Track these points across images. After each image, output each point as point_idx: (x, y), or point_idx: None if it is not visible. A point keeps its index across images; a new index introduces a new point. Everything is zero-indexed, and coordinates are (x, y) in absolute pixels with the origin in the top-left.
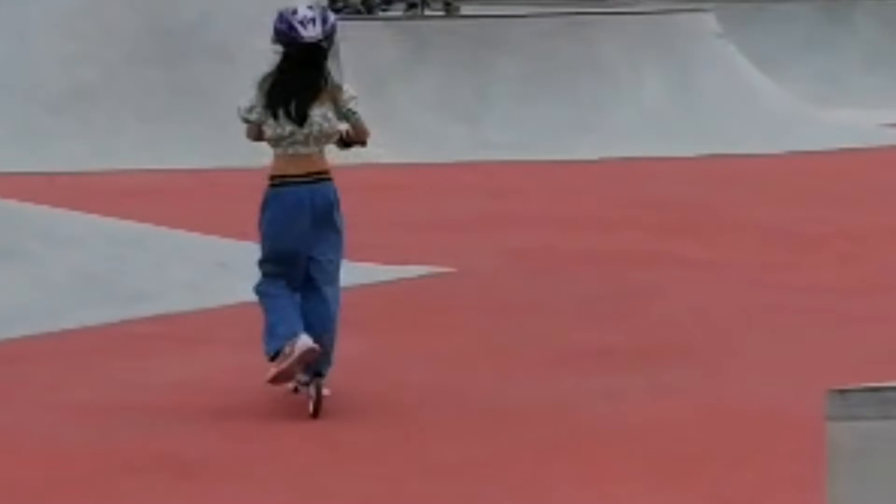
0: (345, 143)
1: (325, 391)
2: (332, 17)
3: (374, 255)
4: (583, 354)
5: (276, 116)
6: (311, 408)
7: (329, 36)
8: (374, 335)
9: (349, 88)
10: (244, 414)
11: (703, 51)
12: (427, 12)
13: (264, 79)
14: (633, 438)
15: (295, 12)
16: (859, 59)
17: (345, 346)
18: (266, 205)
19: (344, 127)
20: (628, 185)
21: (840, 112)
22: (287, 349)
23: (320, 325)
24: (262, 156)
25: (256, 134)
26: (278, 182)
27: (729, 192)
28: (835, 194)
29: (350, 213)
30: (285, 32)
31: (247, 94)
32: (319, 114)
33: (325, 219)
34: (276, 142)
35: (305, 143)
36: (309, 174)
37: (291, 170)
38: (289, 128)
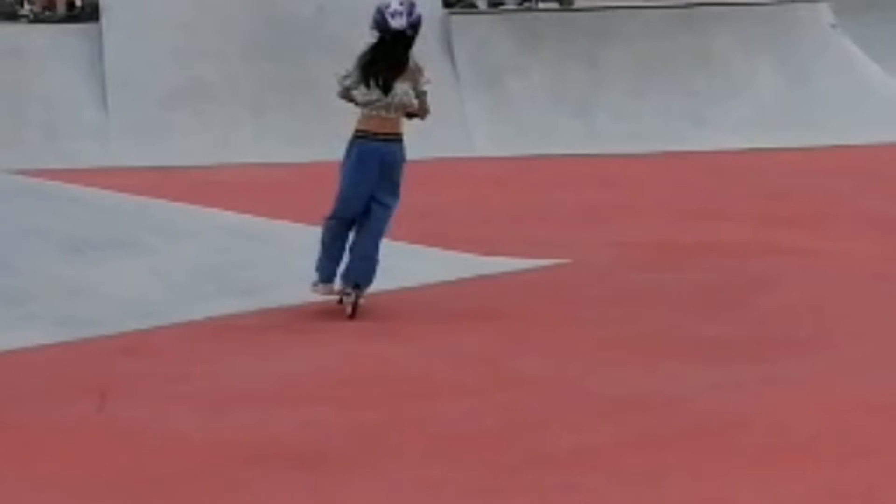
0: (409, 114)
1: (362, 300)
2: (417, 11)
3: (489, 247)
4: (698, 345)
5: (367, 85)
6: (348, 311)
7: (414, 26)
8: (492, 326)
9: (427, 73)
10: (363, 405)
11: (818, 42)
12: (541, 5)
13: (362, 55)
14: (746, 429)
15: (388, 6)
16: None
17: (463, 338)
18: (349, 152)
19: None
20: (743, 176)
21: None
22: (324, 287)
23: (362, 273)
24: None
25: (344, 95)
26: (361, 135)
27: (842, 182)
28: None
29: (464, 206)
30: (379, 21)
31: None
32: (401, 88)
33: (389, 171)
34: (364, 104)
35: (387, 108)
36: (386, 134)
37: (373, 128)
38: (375, 95)
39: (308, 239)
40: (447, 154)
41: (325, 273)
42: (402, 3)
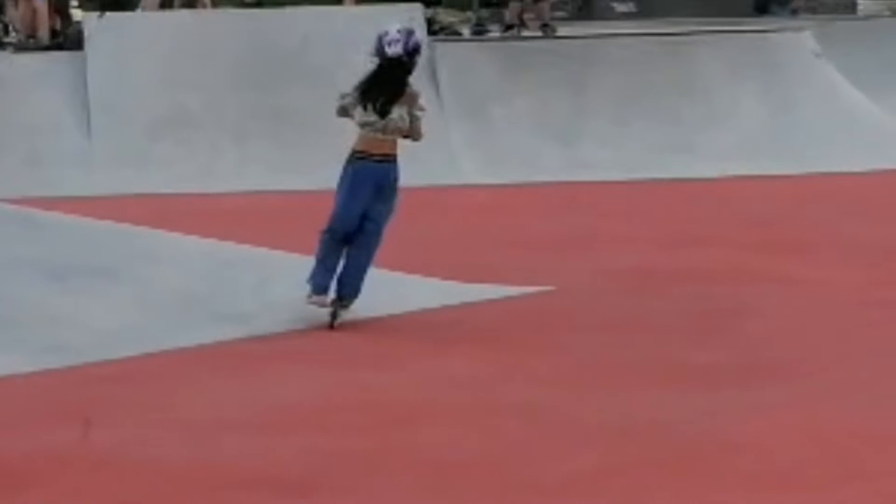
0: (404, 135)
1: (346, 313)
2: (414, 39)
3: (473, 274)
4: (683, 372)
5: (365, 108)
6: (329, 321)
7: (410, 53)
8: (478, 353)
9: (423, 99)
10: (351, 432)
11: (802, 70)
12: (524, 33)
13: (362, 80)
14: (732, 456)
15: (387, 34)
16: None
17: (450, 365)
18: (345, 170)
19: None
20: (726, 204)
21: None
22: (318, 298)
23: (349, 281)
24: None
25: (342, 113)
26: (358, 156)
27: (827, 210)
28: None
29: (448, 233)
30: (378, 48)
31: (348, 87)
32: (397, 112)
33: (382, 190)
34: (362, 126)
35: (383, 131)
36: (382, 155)
37: (369, 148)
38: (372, 118)
39: (292, 266)
40: (432, 181)
41: (319, 285)
42: (399, 31)
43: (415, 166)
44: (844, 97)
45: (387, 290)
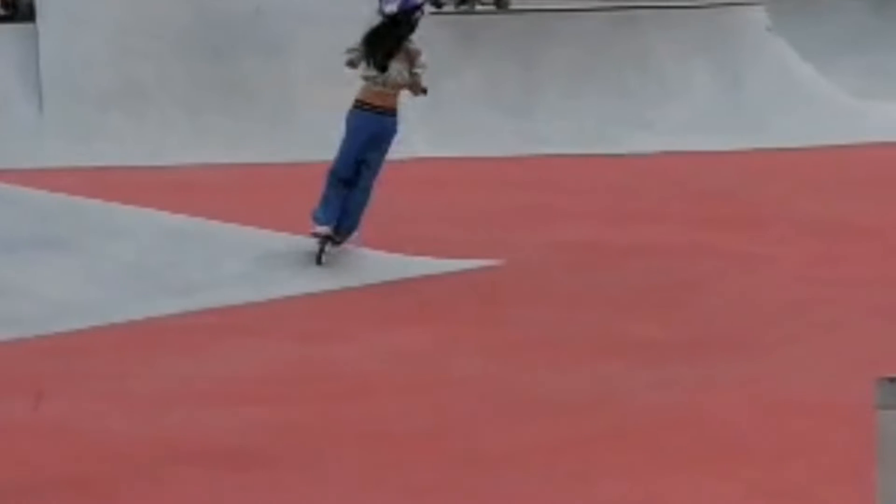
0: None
1: (329, 248)
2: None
3: (424, 248)
4: (631, 346)
5: (367, 62)
6: (316, 257)
7: (406, 12)
8: (427, 327)
9: (424, 56)
10: (298, 404)
11: (753, 44)
12: (478, 7)
13: (365, 34)
14: (681, 429)
15: None
16: None
17: (398, 338)
18: (347, 119)
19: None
20: (677, 178)
21: (890, 105)
22: (317, 228)
23: (345, 219)
24: (311, 152)
25: (350, 65)
26: (358, 105)
27: (777, 185)
28: (884, 187)
29: (400, 206)
30: (379, 6)
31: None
32: (395, 68)
33: (378, 139)
34: (364, 79)
35: (384, 85)
36: (379, 107)
37: (369, 99)
38: (373, 72)
39: (243, 239)
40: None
41: (319, 218)
42: None
43: None
44: (796, 71)
45: (336, 263)
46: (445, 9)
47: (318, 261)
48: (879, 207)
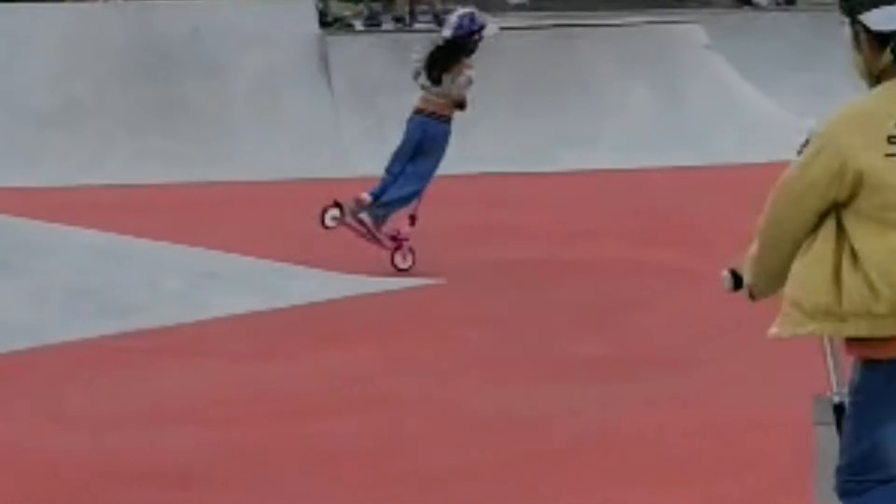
0: (458, 105)
1: (347, 219)
2: (466, 23)
3: (367, 266)
4: (572, 364)
5: (426, 75)
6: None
7: (460, 36)
8: (369, 346)
9: (471, 71)
10: (240, 424)
11: (692, 62)
12: (416, 25)
13: (430, 50)
14: (622, 448)
15: (448, 18)
16: (849, 70)
17: (340, 357)
18: (406, 124)
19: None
20: (617, 196)
21: None
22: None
23: (382, 192)
24: (249, 172)
25: (414, 76)
26: (415, 112)
27: (720, 202)
28: None
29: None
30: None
31: (420, 52)
32: (447, 80)
33: (428, 143)
34: (421, 88)
35: (437, 95)
36: (431, 113)
37: (422, 105)
38: (427, 83)
39: (182, 259)
40: (325, 175)
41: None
42: (457, 16)
43: (308, 159)
44: (735, 89)
45: (280, 281)
46: (384, 28)
47: (322, 221)
48: None
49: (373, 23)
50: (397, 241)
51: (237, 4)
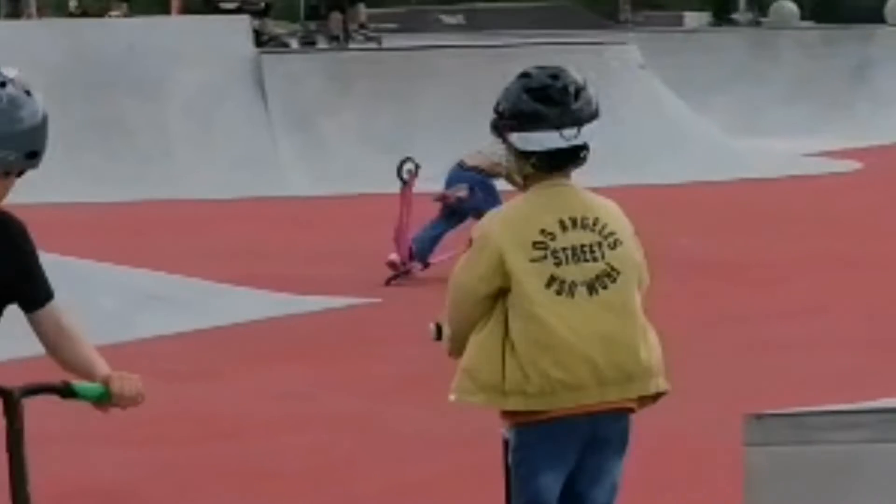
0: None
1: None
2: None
3: (301, 286)
4: None
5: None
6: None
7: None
8: (303, 365)
9: (502, 152)
10: (173, 444)
11: (627, 82)
12: (351, 45)
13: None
14: None
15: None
16: (783, 90)
17: (273, 377)
18: None
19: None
20: None
21: (761, 142)
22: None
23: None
24: (184, 190)
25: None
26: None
27: (655, 222)
28: (755, 223)
29: (276, 245)
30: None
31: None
32: (491, 143)
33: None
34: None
35: (479, 151)
36: (468, 166)
37: (464, 158)
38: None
39: (115, 278)
40: (260, 193)
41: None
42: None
43: (244, 178)
44: (670, 109)
45: (213, 301)
46: (319, 46)
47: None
48: (752, 243)
49: (308, 42)
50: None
51: (172, 23)
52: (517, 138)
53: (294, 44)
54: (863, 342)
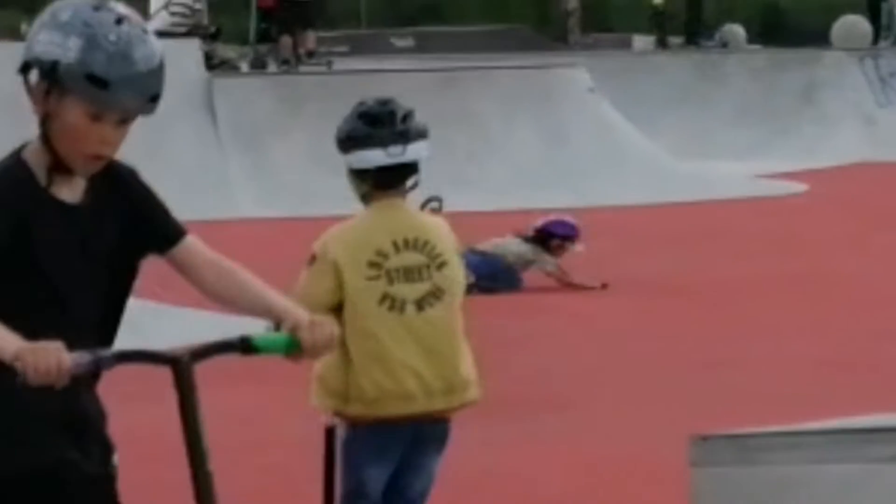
0: None
1: None
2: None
3: None
4: None
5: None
6: None
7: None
8: (252, 388)
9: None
10: (120, 466)
11: (575, 104)
12: (302, 68)
13: None
14: (503, 485)
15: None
16: (731, 112)
17: (221, 399)
18: None
19: None
20: (501, 237)
21: (709, 164)
22: None
23: None
24: None
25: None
26: None
27: (600, 243)
28: (704, 243)
29: None
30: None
31: None
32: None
33: None
34: None
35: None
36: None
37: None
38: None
39: None
40: (209, 216)
41: None
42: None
43: (193, 200)
44: (617, 131)
45: (156, 322)
46: (270, 70)
47: None
48: (698, 264)
49: (259, 65)
50: None
51: None
52: (353, 158)
53: (244, 67)
54: (811, 362)
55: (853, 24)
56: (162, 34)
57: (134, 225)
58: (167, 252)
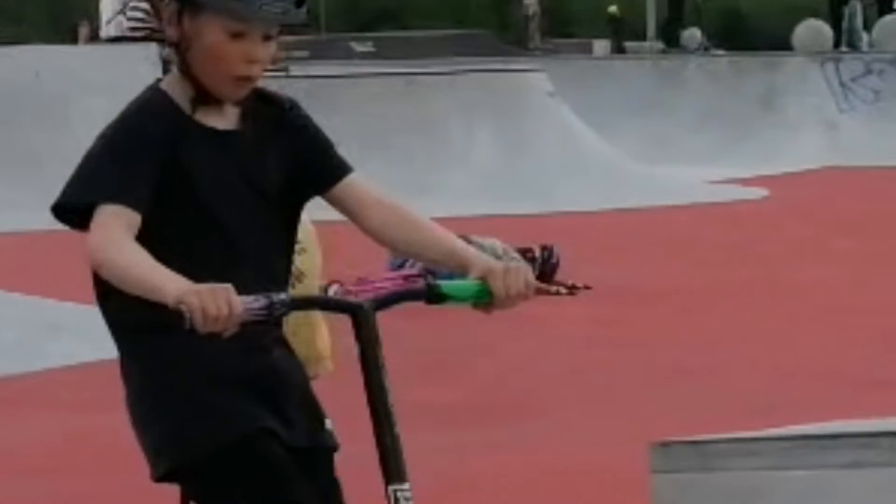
0: None
1: None
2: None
3: None
4: (416, 411)
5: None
6: None
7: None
8: None
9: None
10: (75, 475)
11: (536, 110)
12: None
13: None
14: (469, 493)
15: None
16: (691, 117)
17: None
18: None
19: None
20: None
21: (670, 169)
22: None
23: None
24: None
25: None
26: None
27: (564, 249)
28: (664, 249)
29: None
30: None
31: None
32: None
33: None
34: None
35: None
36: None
37: None
38: None
39: (18, 309)
40: None
41: None
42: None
43: None
44: (578, 136)
45: None
46: None
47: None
48: (661, 270)
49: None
50: None
51: (79, 51)
52: None
53: None
54: (770, 369)
55: (815, 29)
56: (118, 39)
57: (295, 160)
58: (329, 191)
